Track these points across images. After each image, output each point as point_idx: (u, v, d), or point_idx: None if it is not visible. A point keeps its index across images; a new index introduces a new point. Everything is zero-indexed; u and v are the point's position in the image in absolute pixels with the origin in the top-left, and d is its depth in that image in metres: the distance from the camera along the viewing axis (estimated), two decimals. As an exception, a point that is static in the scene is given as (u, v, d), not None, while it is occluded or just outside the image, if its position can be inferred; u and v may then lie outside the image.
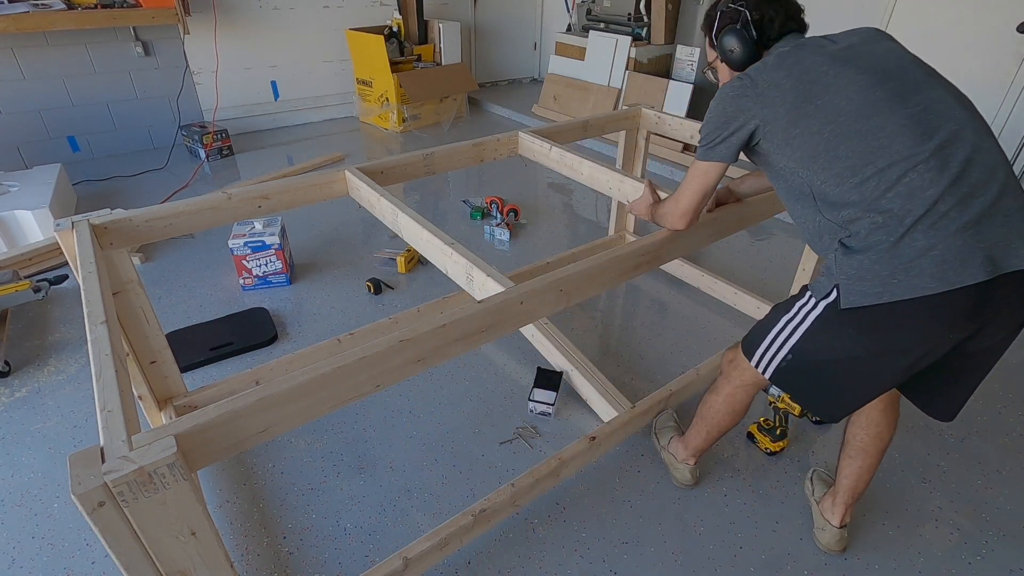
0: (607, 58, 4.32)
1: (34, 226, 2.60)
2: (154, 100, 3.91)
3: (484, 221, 3.15)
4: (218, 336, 2.16)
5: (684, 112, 3.86)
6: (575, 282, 1.24)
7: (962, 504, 1.61)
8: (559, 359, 2.01)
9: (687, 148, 3.88)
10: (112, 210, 1.38)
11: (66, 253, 1.30)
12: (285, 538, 1.48)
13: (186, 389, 1.72)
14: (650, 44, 4.24)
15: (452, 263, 1.30)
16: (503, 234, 2.95)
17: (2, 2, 3.15)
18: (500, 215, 3.14)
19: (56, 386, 1.94)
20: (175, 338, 2.11)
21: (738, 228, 1.62)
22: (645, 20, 4.27)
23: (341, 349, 2.01)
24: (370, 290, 2.47)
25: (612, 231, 2.79)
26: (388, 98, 4.40)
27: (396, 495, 1.60)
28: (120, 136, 3.88)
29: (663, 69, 4.27)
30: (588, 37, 4.45)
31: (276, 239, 2.39)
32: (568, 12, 5.26)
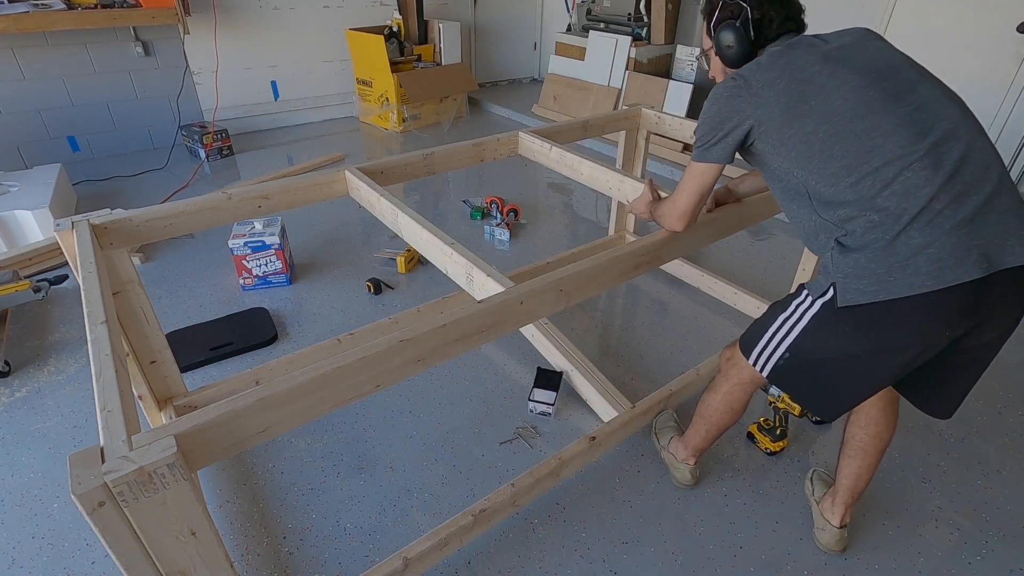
0: (607, 58, 4.32)
1: (34, 226, 2.60)
2: (154, 100, 3.91)
3: (484, 221, 3.15)
4: (218, 336, 2.16)
5: (684, 112, 3.86)
6: (575, 282, 1.24)
7: (962, 504, 1.61)
8: (559, 359, 2.01)
9: (687, 148, 3.88)
10: (112, 210, 1.38)
11: (66, 253, 1.30)
12: (285, 538, 1.48)
13: (186, 389, 1.72)
14: (650, 44, 4.25)
15: (452, 263, 1.30)
16: (503, 234, 2.95)
17: (2, 2, 3.15)
18: (500, 215, 3.14)
19: (56, 386, 1.94)
20: (175, 338, 2.11)
21: (738, 228, 1.62)
22: (645, 20, 4.28)
23: (341, 349, 2.01)
24: (370, 290, 2.47)
25: (612, 231, 2.79)
26: (388, 98, 4.41)
27: (396, 495, 1.60)
28: (120, 136, 3.88)
29: (663, 69, 4.27)
30: (588, 37, 4.46)
31: (276, 239, 2.39)
32: (568, 12, 5.26)
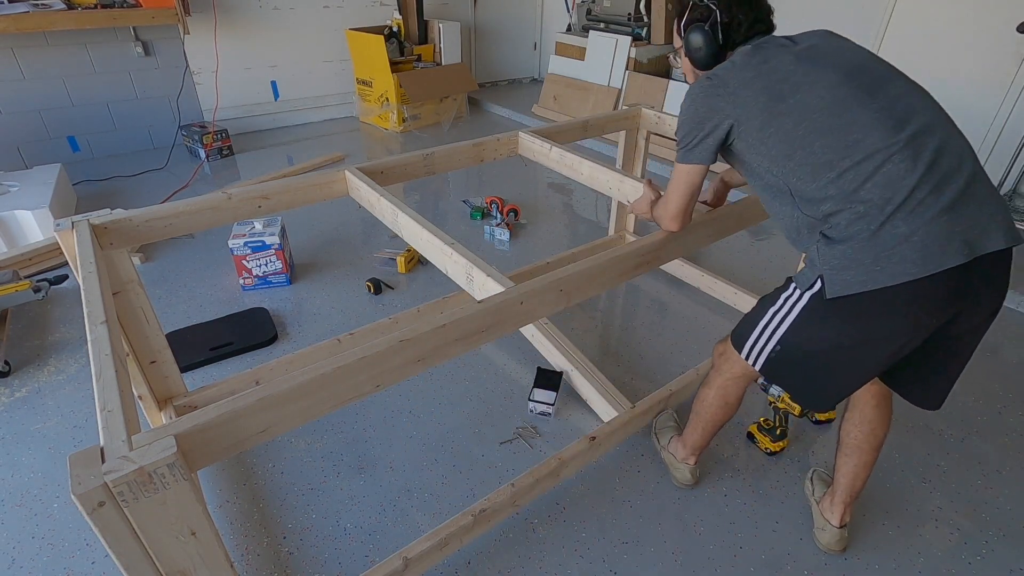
0: (607, 58, 4.32)
1: (34, 226, 2.60)
2: (154, 100, 3.91)
3: (484, 221, 3.15)
4: (218, 336, 2.16)
5: (684, 112, 3.85)
6: (575, 282, 1.24)
7: (962, 504, 1.61)
8: (559, 359, 2.01)
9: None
10: (112, 210, 1.38)
11: (66, 253, 1.30)
12: (285, 538, 1.48)
13: (186, 389, 1.72)
14: (650, 44, 4.24)
15: (452, 263, 1.30)
16: (503, 234, 2.95)
17: (2, 2, 3.16)
18: (500, 215, 3.13)
19: (56, 386, 1.94)
20: (175, 338, 2.11)
21: (738, 228, 1.62)
22: (645, 20, 4.28)
23: (341, 349, 2.01)
24: (370, 290, 2.47)
25: (612, 231, 2.79)
26: (388, 98, 4.41)
27: (396, 495, 1.60)
28: (120, 136, 3.88)
29: (663, 69, 4.27)
30: (588, 37, 4.46)
31: (276, 239, 2.39)
32: (568, 12, 5.26)
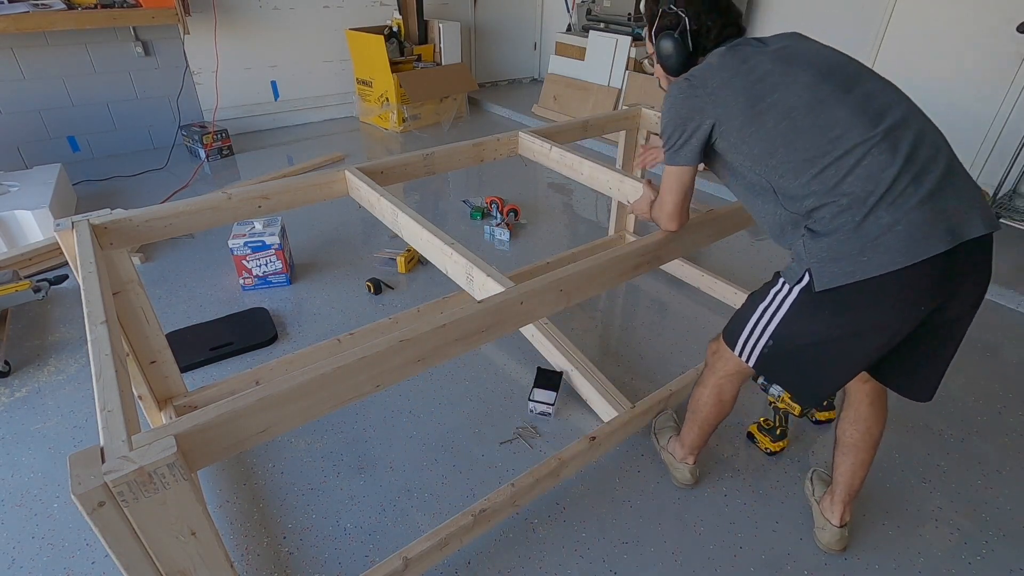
0: (607, 58, 4.32)
1: (34, 226, 2.60)
2: (154, 100, 3.91)
3: (484, 221, 3.15)
4: (218, 336, 2.16)
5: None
6: (575, 282, 1.24)
7: (962, 504, 1.61)
8: (559, 359, 2.01)
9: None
10: (112, 210, 1.38)
11: (66, 253, 1.30)
12: (285, 538, 1.48)
13: (186, 389, 1.72)
14: (650, 44, 4.24)
15: (452, 263, 1.30)
16: (503, 234, 2.95)
17: (2, 2, 3.15)
18: (500, 215, 3.13)
19: (56, 386, 1.94)
20: (175, 338, 2.11)
21: (738, 228, 1.62)
22: (645, 20, 4.27)
23: (341, 349, 2.01)
24: (370, 290, 2.47)
25: (612, 231, 2.79)
26: (388, 98, 4.40)
27: (396, 495, 1.60)
28: (120, 136, 3.88)
29: (663, 69, 4.26)
30: (588, 37, 4.45)
31: (276, 239, 2.39)
32: (568, 12, 5.26)
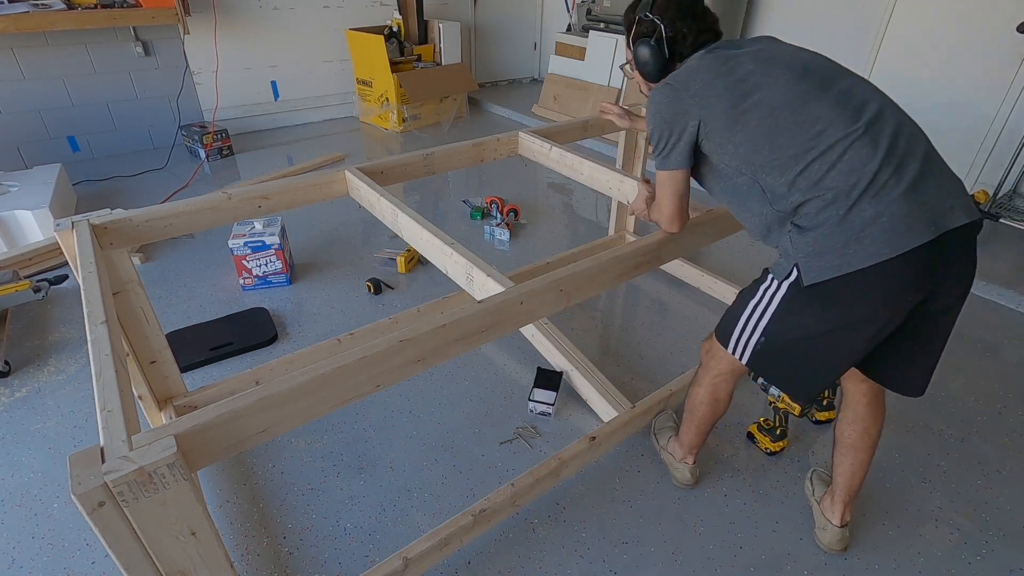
0: (607, 58, 4.32)
1: (34, 226, 2.60)
2: (154, 100, 3.91)
3: (484, 221, 3.15)
4: (218, 336, 2.16)
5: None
6: (575, 282, 1.24)
7: (962, 504, 1.61)
8: (559, 359, 2.01)
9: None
10: (112, 210, 1.38)
11: (66, 253, 1.30)
12: (285, 538, 1.48)
13: (186, 389, 1.72)
14: (650, 44, 4.24)
15: (452, 263, 1.30)
16: (503, 234, 2.95)
17: (2, 2, 3.16)
18: (500, 215, 3.13)
19: (56, 386, 1.94)
20: (175, 338, 2.11)
21: (738, 228, 1.62)
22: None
23: (341, 349, 2.01)
24: (370, 290, 2.47)
25: (612, 231, 2.79)
26: (388, 98, 4.40)
27: (396, 495, 1.60)
28: (120, 136, 3.88)
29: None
30: (588, 37, 4.45)
31: (276, 239, 2.39)
32: (568, 12, 5.26)
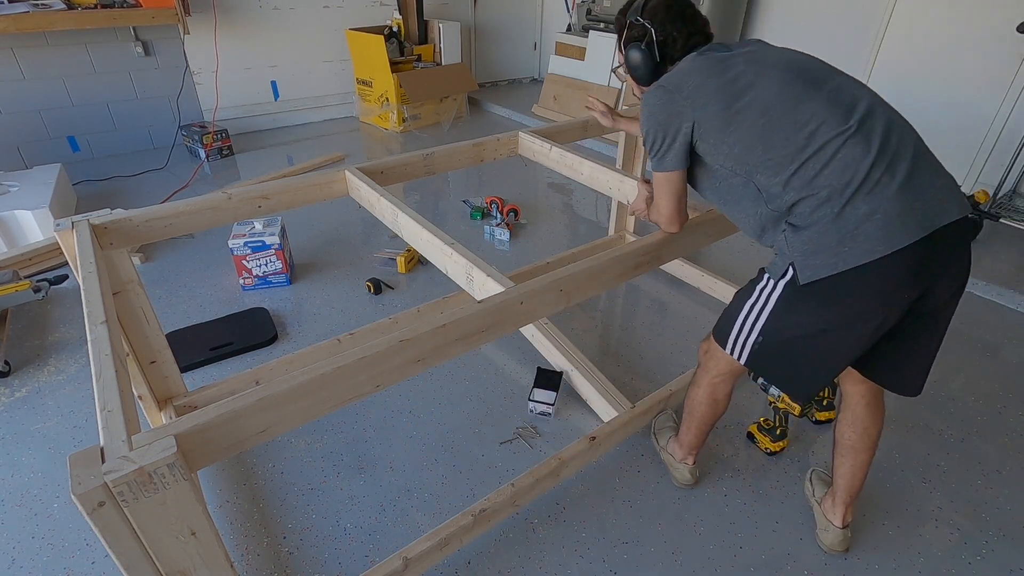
0: (607, 58, 4.32)
1: (34, 226, 2.60)
2: (154, 100, 3.91)
3: (484, 221, 3.15)
4: (218, 336, 2.16)
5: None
6: (575, 282, 1.24)
7: (962, 504, 1.61)
8: (559, 359, 2.01)
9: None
10: (112, 210, 1.38)
11: (66, 253, 1.30)
12: (285, 538, 1.48)
13: (186, 389, 1.72)
14: (650, 44, 4.24)
15: (452, 263, 1.30)
16: (503, 234, 2.95)
17: (2, 2, 3.16)
18: (500, 215, 3.14)
19: (56, 386, 1.94)
20: (175, 338, 2.11)
21: (737, 228, 1.62)
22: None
23: (341, 349, 2.01)
24: (370, 290, 2.47)
25: (612, 231, 2.79)
26: (388, 98, 4.40)
27: (396, 495, 1.60)
28: (120, 136, 3.88)
29: (663, 69, 4.26)
30: (588, 37, 4.45)
31: (276, 239, 2.39)
32: (568, 12, 5.26)
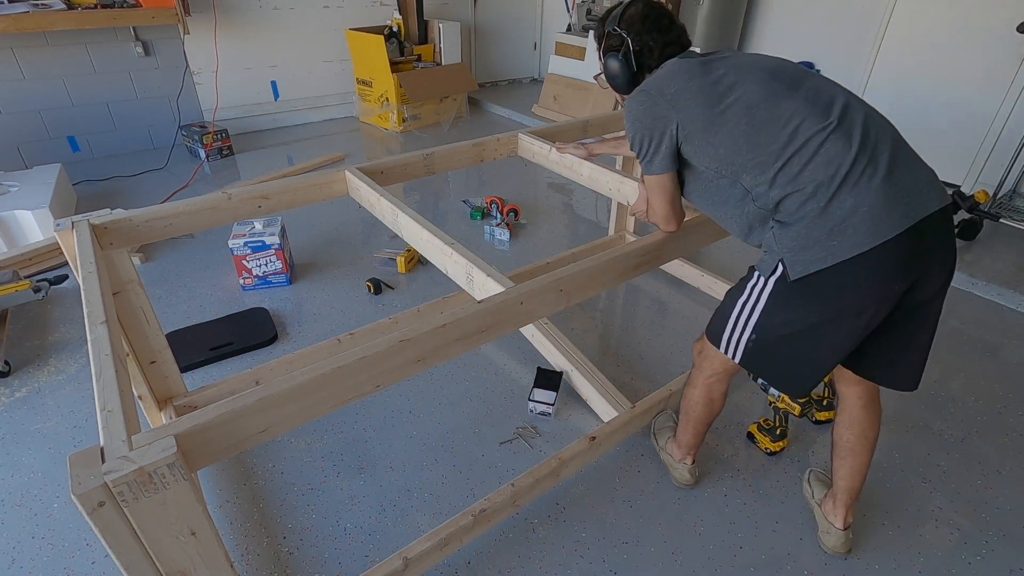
0: (607, 58, 4.32)
1: (34, 226, 2.60)
2: (154, 100, 3.91)
3: (484, 221, 3.15)
4: (218, 336, 2.16)
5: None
6: (575, 282, 1.24)
7: (962, 504, 1.61)
8: (559, 359, 2.01)
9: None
10: (112, 210, 1.38)
11: (66, 253, 1.30)
12: (285, 538, 1.48)
13: (186, 389, 1.72)
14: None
15: (452, 263, 1.30)
16: (503, 234, 2.95)
17: (2, 2, 3.16)
18: (500, 215, 3.14)
19: (56, 386, 1.94)
20: (175, 338, 2.11)
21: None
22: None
23: (341, 349, 2.01)
24: (370, 290, 2.47)
25: (612, 231, 2.79)
26: (388, 98, 4.41)
27: (396, 495, 1.60)
28: (120, 136, 3.88)
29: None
30: (588, 37, 4.46)
31: (276, 239, 2.39)
32: (568, 12, 5.26)
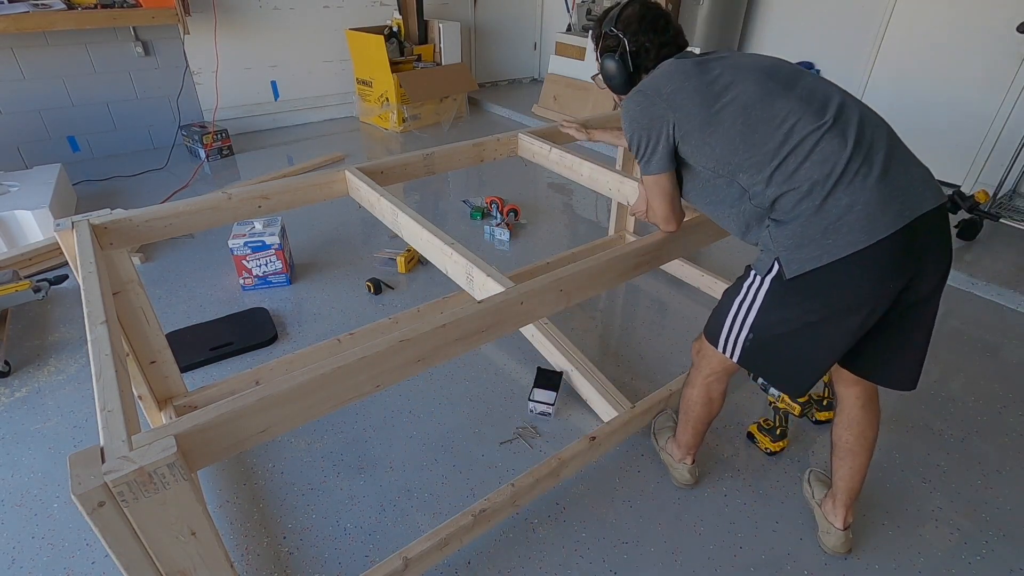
0: (607, 58, 4.32)
1: (34, 226, 2.60)
2: (154, 100, 3.91)
3: (484, 221, 3.15)
4: (218, 336, 2.16)
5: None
6: (575, 282, 1.24)
7: (962, 504, 1.61)
8: (559, 359, 2.01)
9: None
10: (112, 210, 1.38)
11: (66, 253, 1.30)
12: (285, 538, 1.48)
13: (186, 389, 1.72)
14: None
15: (452, 263, 1.30)
16: (503, 234, 2.95)
17: (2, 2, 3.16)
18: (500, 215, 3.14)
19: (56, 386, 1.94)
20: (175, 338, 2.11)
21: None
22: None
23: (341, 349, 2.01)
24: (370, 290, 2.47)
25: (612, 231, 2.79)
26: (388, 98, 4.41)
27: (396, 495, 1.60)
28: (120, 136, 3.88)
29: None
30: (588, 37, 4.46)
31: (276, 239, 2.39)
32: (568, 12, 5.26)
